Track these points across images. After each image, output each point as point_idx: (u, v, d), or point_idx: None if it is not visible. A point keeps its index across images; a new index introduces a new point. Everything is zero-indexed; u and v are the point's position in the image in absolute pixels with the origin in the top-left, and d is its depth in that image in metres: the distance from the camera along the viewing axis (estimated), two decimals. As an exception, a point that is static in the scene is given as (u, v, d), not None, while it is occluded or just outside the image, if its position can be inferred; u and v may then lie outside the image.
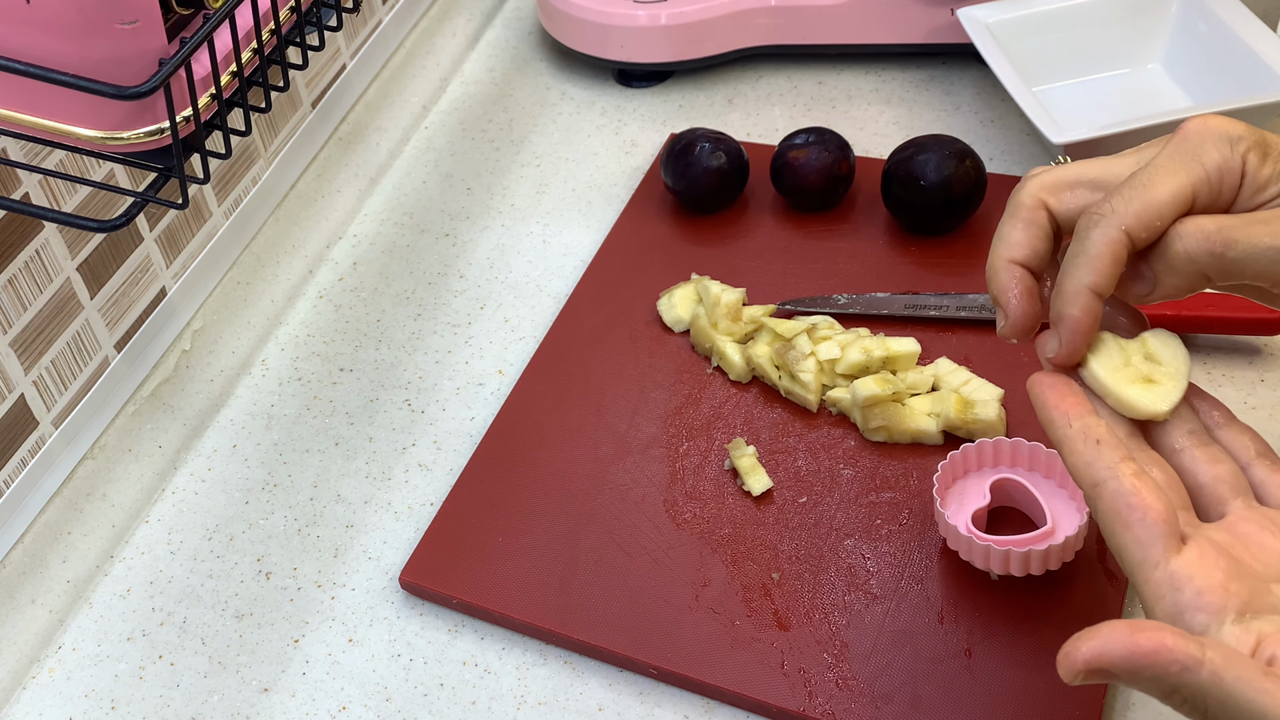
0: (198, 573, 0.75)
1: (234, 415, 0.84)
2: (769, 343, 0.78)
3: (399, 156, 1.02)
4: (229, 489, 0.80)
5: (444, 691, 0.68)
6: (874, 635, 0.65)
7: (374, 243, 0.95)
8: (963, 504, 0.68)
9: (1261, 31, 0.86)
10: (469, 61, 1.10)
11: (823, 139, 0.87)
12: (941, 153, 0.83)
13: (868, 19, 0.99)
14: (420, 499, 0.77)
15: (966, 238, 0.85)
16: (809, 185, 0.87)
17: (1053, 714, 0.61)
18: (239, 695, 0.69)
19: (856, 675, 0.64)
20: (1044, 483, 0.68)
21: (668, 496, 0.73)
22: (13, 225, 0.70)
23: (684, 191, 0.89)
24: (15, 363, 0.71)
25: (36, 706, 0.70)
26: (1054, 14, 0.93)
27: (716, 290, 0.81)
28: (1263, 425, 0.72)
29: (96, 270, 0.77)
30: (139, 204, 0.58)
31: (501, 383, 0.83)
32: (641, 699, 0.66)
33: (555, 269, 0.90)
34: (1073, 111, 0.91)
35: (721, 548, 0.70)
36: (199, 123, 0.56)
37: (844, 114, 0.98)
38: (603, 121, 1.02)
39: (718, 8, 0.99)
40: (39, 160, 0.70)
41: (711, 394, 0.79)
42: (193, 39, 0.53)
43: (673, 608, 0.68)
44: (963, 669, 0.63)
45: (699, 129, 0.90)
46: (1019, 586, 0.66)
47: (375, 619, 0.71)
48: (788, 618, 0.67)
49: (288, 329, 0.89)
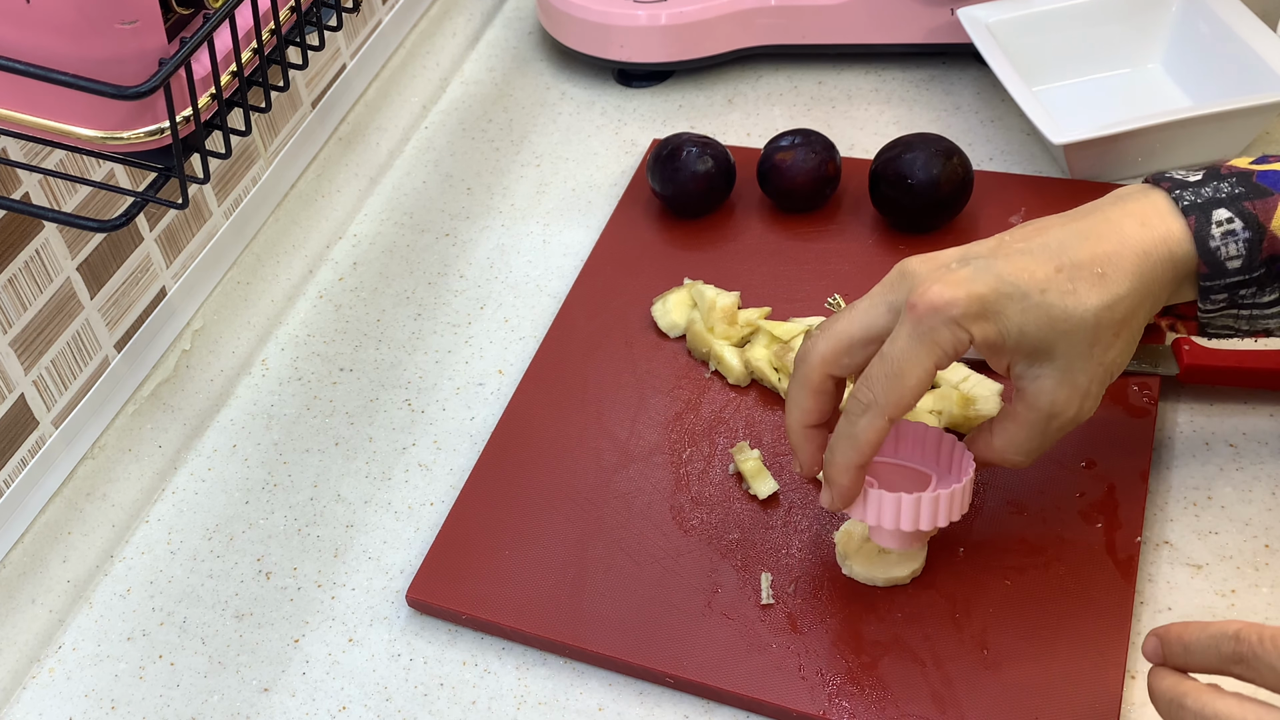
0: (198, 573, 0.75)
1: (234, 415, 0.84)
2: (766, 345, 0.78)
3: (399, 156, 1.02)
4: (229, 489, 0.80)
5: (444, 691, 0.68)
6: (890, 634, 0.65)
7: (374, 243, 0.95)
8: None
9: (1261, 31, 0.86)
10: (469, 61, 1.10)
11: (809, 140, 0.87)
12: (928, 151, 0.83)
13: (868, 19, 0.99)
14: (420, 499, 0.77)
15: (954, 235, 0.85)
16: (796, 187, 0.87)
17: (1073, 705, 0.61)
18: (239, 695, 0.69)
19: (876, 676, 0.64)
20: (922, 459, 0.68)
21: (674, 503, 0.73)
22: (13, 225, 0.70)
23: (671, 196, 0.89)
24: (15, 363, 0.71)
25: (36, 706, 0.70)
26: (1054, 14, 0.93)
27: (711, 294, 0.80)
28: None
29: (96, 270, 0.77)
30: (139, 204, 0.58)
31: (502, 382, 0.83)
32: (641, 699, 0.66)
33: (555, 269, 0.90)
34: (1073, 111, 0.91)
35: (731, 553, 0.70)
36: (199, 123, 0.56)
37: (844, 114, 0.98)
38: (603, 121, 1.02)
39: (718, 8, 0.99)
40: (39, 160, 0.70)
41: (711, 398, 0.78)
42: (193, 39, 0.53)
43: (685, 615, 0.68)
44: (980, 664, 0.63)
45: (684, 133, 0.90)
46: (1030, 580, 0.66)
47: (375, 619, 0.71)
48: (802, 621, 0.67)
49: (288, 329, 0.89)
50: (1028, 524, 0.69)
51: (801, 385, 0.63)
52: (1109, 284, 0.58)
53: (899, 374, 0.59)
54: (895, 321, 0.60)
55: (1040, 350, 0.59)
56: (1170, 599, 0.66)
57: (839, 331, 0.62)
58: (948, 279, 0.59)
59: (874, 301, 0.61)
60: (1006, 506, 0.70)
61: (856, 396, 0.60)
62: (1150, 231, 0.59)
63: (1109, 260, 0.59)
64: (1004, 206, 0.86)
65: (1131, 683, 0.63)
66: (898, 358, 0.59)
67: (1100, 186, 0.86)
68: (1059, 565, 0.67)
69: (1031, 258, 0.59)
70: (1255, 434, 0.72)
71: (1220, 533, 0.68)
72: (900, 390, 0.59)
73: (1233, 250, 0.59)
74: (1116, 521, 0.68)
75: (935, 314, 0.58)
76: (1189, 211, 0.59)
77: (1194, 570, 0.67)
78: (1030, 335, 0.59)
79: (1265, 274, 0.59)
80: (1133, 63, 0.94)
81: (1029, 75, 0.91)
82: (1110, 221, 0.60)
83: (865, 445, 0.60)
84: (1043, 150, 0.92)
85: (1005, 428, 0.62)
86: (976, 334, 0.58)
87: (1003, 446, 0.63)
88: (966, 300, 0.58)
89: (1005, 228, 0.84)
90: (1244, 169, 0.61)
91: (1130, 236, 0.59)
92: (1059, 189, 0.87)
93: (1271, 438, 0.72)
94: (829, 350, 0.62)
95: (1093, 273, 0.58)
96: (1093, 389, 0.61)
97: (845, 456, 0.61)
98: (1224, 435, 0.72)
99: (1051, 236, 0.60)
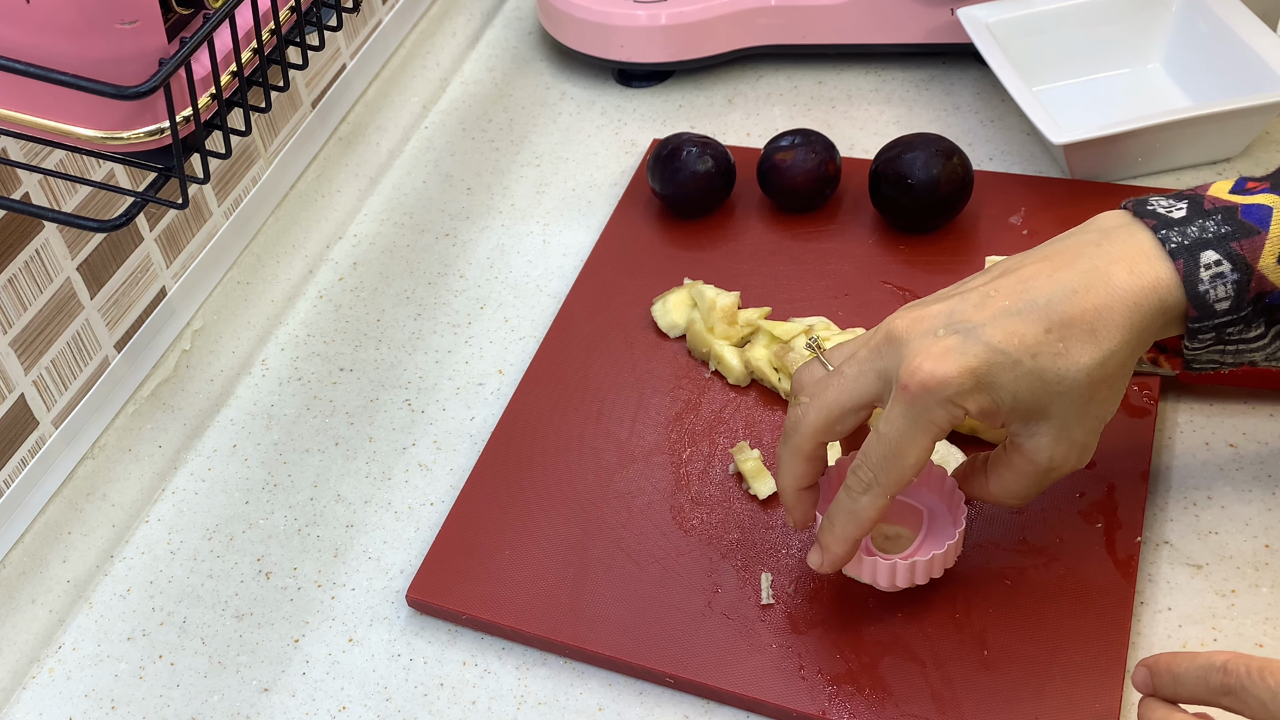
0: (198, 573, 0.75)
1: (234, 415, 0.84)
2: (766, 345, 0.78)
3: (399, 156, 1.02)
4: (229, 489, 0.80)
5: (444, 691, 0.68)
6: (890, 634, 0.65)
7: (374, 243, 0.95)
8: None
9: (1261, 31, 0.86)
10: (469, 61, 1.10)
11: (809, 140, 0.87)
12: (928, 151, 0.83)
13: (868, 19, 0.99)
14: (420, 499, 0.77)
15: (955, 235, 0.85)
16: (796, 187, 0.87)
17: (1073, 705, 0.61)
18: (239, 695, 0.69)
19: (876, 676, 0.64)
20: (912, 488, 0.68)
21: (674, 503, 0.73)
22: (13, 225, 0.70)
23: (671, 196, 0.89)
24: (15, 363, 0.71)
25: (36, 706, 0.70)
26: (1054, 14, 0.93)
27: (711, 294, 0.80)
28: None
29: (96, 270, 0.77)
30: (139, 204, 0.58)
31: (502, 382, 0.83)
32: (641, 699, 0.66)
33: (555, 269, 0.90)
34: (1073, 111, 0.91)
35: (731, 553, 0.70)
36: (199, 123, 0.56)
37: (844, 114, 0.98)
38: (603, 121, 1.02)
39: (718, 8, 0.99)
40: (39, 160, 0.70)
41: (711, 398, 0.78)
42: (193, 39, 0.53)
43: (686, 615, 0.68)
44: (980, 664, 0.63)
45: (684, 133, 0.90)
46: (1031, 580, 0.66)
47: (375, 619, 0.71)
48: (802, 621, 0.66)
49: (288, 329, 0.89)
50: (1028, 524, 0.69)
51: (794, 453, 0.63)
52: (1100, 340, 0.57)
53: (898, 455, 0.59)
54: (884, 389, 0.60)
55: (1035, 411, 0.59)
56: (1170, 599, 0.66)
57: (829, 403, 0.61)
58: (936, 353, 0.58)
59: (863, 369, 0.61)
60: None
61: (857, 474, 0.60)
62: (1139, 280, 0.58)
63: (1099, 315, 0.57)
64: (1004, 206, 0.86)
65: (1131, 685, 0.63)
66: (895, 439, 0.59)
67: (1100, 187, 0.86)
68: (1059, 565, 0.67)
69: (1020, 319, 0.58)
70: (1255, 434, 0.72)
71: (1220, 533, 0.68)
72: (900, 470, 0.59)
73: (1221, 293, 0.58)
74: (1116, 521, 0.68)
75: (929, 394, 0.58)
76: (1176, 255, 0.58)
77: (1194, 570, 0.67)
78: (1024, 400, 0.58)
79: (1252, 312, 0.59)
80: (1133, 63, 0.94)
81: (1029, 75, 0.91)
82: (1098, 271, 0.58)
83: (866, 521, 0.61)
84: (1043, 150, 0.92)
85: (1002, 476, 0.62)
86: (971, 408, 0.58)
87: (998, 492, 0.63)
88: (959, 377, 0.57)
89: (1005, 228, 0.85)
90: (1227, 201, 0.60)
91: (1120, 287, 0.58)
92: (1059, 189, 0.87)
93: (1271, 438, 0.72)
94: (821, 421, 0.62)
95: (1083, 330, 0.57)
96: (1090, 441, 0.61)
97: (845, 530, 0.61)
98: (1224, 435, 0.72)
99: (1039, 292, 0.58)
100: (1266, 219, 0.59)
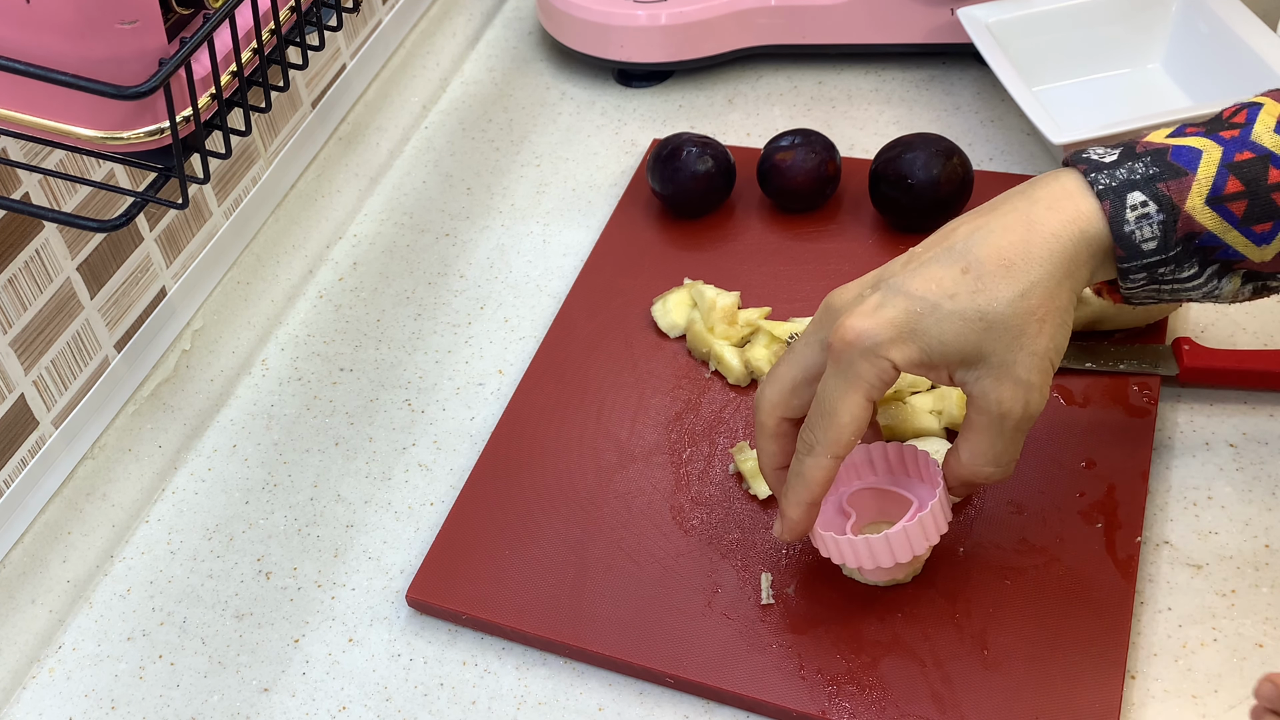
0: (198, 573, 0.75)
1: (234, 415, 0.84)
2: (766, 345, 0.78)
3: (399, 156, 1.02)
4: (229, 489, 0.80)
5: (444, 691, 0.68)
6: (890, 634, 0.65)
7: (374, 243, 0.95)
8: (827, 520, 0.68)
9: (1261, 31, 0.86)
10: (469, 61, 1.10)
11: (809, 140, 0.87)
12: (928, 151, 0.83)
13: (868, 19, 0.99)
14: (420, 499, 0.77)
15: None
16: (796, 187, 0.87)
17: (1073, 705, 0.61)
18: (239, 695, 0.69)
19: (876, 676, 0.64)
20: (906, 481, 0.68)
21: (674, 503, 0.73)
22: (13, 225, 0.70)
23: (671, 196, 0.89)
24: (15, 363, 0.71)
25: (36, 706, 0.70)
26: (1054, 14, 0.93)
27: (711, 294, 0.80)
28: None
29: (96, 270, 0.77)
30: (139, 204, 0.58)
31: (502, 382, 0.83)
32: (641, 699, 0.66)
33: (555, 269, 0.90)
34: (1073, 111, 0.91)
35: (731, 553, 0.70)
36: (199, 123, 0.56)
37: (844, 114, 0.98)
38: (603, 121, 1.02)
39: (718, 8, 0.99)
40: (39, 160, 0.70)
41: (711, 398, 0.78)
42: (193, 39, 0.53)
43: (686, 615, 0.68)
44: (980, 664, 0.63)
45: (684, 133, 0.90)
46: (1030, 580, 0.66)
47: (375, 619, 0.71)
48: (802, 621, 0.67)
49: (288, 329, 0.89)
50: (1028, 524, 0.69)
51: (760, 432, 0.65)
52: (1018, 274, 0.58)
53: (831, 413, 0.60)
54: (825, 357, 0.61)
55: (969, 355, 0.59)
56: (1170, 599, 0.66)
57: (780, 376, 0.63)
58: (860, 310, 0.59)
59: (807, 341, 0.62)
60: (1006, 506, 0.70)
61: (801, 437, 0.62)
62: (1059, 215, 0.59)
63: (1016, 250, 0.58)
64: (1004, 206, 0.86)
65: (1131, 683, 0.63)
66: (826, 397, 0.60)
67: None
68: (1059, 565, 0.67)
69: (938, 265, 0.59)
70: (1255, 434, 0.72)
71: (1220, 533, 0.68)
72: (836, 429, 0.60)
73: (1147, 233, 0.59)
74: (1116, 521, 0.68)
75: (851, 349, 0.59)
76: (1104, 195, 0.59)
77: (1194, 570, 0.67)
78: (952, 344, 0.58)
79: (1182, 252, 0.59)
80: (1133, 63, 0.94)
81: (1029, 75, 0.91)
82: (1018, 211, 0.59)
83: (814, 484, 0.62)
84: (1043, 150, 0.92)
85: (966, 439, 0.62)
86: (897, 358, 0.59)
87: (970, 459, 0.62)
88: (878, 328, 0.58)
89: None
90: (1159, 144, 0.60)
91: (1038, 221, 0.59)
92: (1059, 189, 0.87)
93: (1271, 438, 0.72)
94: (775, 395, 0.63)
95: (999, 265, 0.58)
96: (1035, 379, 0.59)
97: (796, 494, 0.62)
98: (1224, 435, 0.72)
99: (958, 237, 0.60)
100: (1195, 161, 0.59)
